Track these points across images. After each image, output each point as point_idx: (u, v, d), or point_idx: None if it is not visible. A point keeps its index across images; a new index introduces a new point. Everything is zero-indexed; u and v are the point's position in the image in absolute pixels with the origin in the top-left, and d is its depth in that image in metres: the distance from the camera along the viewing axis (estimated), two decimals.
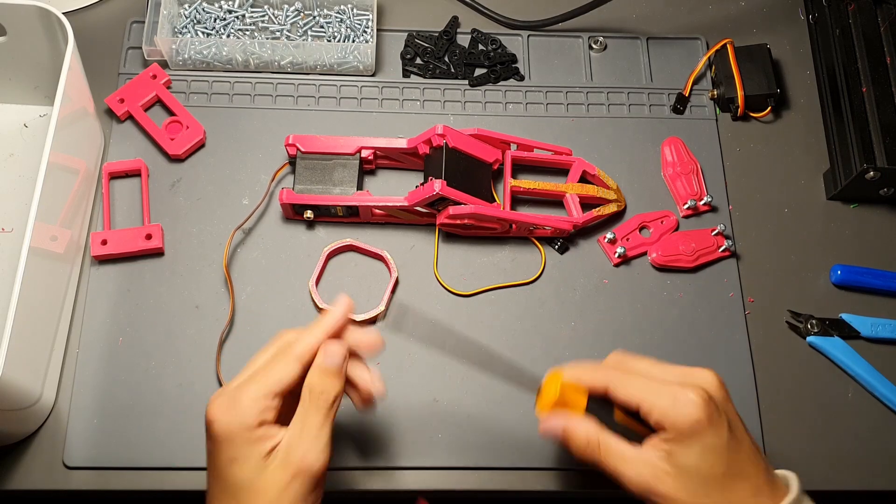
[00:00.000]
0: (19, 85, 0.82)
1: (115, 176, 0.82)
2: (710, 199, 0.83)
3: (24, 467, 0.71)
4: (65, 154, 0.71)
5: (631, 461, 0.60)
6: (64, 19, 0.72)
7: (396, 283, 0.79)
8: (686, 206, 0.83)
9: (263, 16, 0.88)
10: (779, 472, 0.62)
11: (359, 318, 0.77)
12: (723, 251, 0.82)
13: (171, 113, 0.84)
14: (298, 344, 0.59)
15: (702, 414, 0.58)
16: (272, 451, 0.56)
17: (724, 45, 0.89)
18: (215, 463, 0.57)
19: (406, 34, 0.90)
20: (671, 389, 0.59)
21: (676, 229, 0.83)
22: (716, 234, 0.82)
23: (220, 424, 0.56)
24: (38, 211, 0.64)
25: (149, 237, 0.78)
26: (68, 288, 0.76)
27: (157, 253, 0.79)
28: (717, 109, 0.89)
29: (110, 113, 0.84)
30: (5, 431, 0.69)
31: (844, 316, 0.80)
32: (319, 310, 0.77)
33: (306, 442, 0.56)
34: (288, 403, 0.59)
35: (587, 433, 0.61)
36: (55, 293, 0.73)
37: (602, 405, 0.64)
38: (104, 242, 0.77)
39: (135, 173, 0.82)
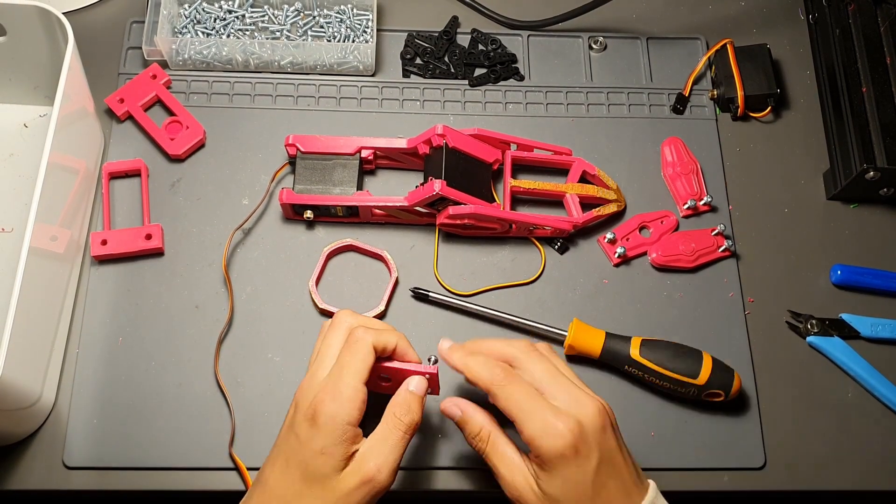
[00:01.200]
0: (19, 85, 0.82)
1: (114, 176, 0.82)
2: (709, 199, 0.83)
3: (23, 467, 0.71)
4: (65, 154, 0.71)
5: (510, 465, 0.62)
6: (64, 19, 0.72)
7: (396, 283, 0.79)
8: (686, 206, 0.83)
9: (263, 16, 0.88)
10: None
11: None
12: (723, 251, 0.82)
13: (170, 113, 0.84)
14: (375, 335, 0.62)
15: (566, 447, 0.58)
16: (353, 455, 0.59)
17: (724, 45, 0.89)
18: (304, 448, 0.59)
19: (406, 34, 0.90)
20: (544, 414, 0.59)
21: (676, 229, 0.83)
22: (716, 234, 0.82)
23: (327, 414, 0.58)
24: (38, 211, 0.64)
25: (149, 237, 0.78)
26: (68, 288, 0.76)
27: (157, 253, 0.79)
28: (717, 109, 0.89)
29: (110, 113, 0.84)
30: (5, 431, 0.69)
31: (844, 316, 0.80)
32: (320, 310, 0.77)
33: (381, 456, 0.59)
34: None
35: (481, 424, 0.64)
36: (55, 293, 0.73)
37: (621, 343, 0.72)
38: (104, 242, 0.77)
39: (135, 173, 0.82)
